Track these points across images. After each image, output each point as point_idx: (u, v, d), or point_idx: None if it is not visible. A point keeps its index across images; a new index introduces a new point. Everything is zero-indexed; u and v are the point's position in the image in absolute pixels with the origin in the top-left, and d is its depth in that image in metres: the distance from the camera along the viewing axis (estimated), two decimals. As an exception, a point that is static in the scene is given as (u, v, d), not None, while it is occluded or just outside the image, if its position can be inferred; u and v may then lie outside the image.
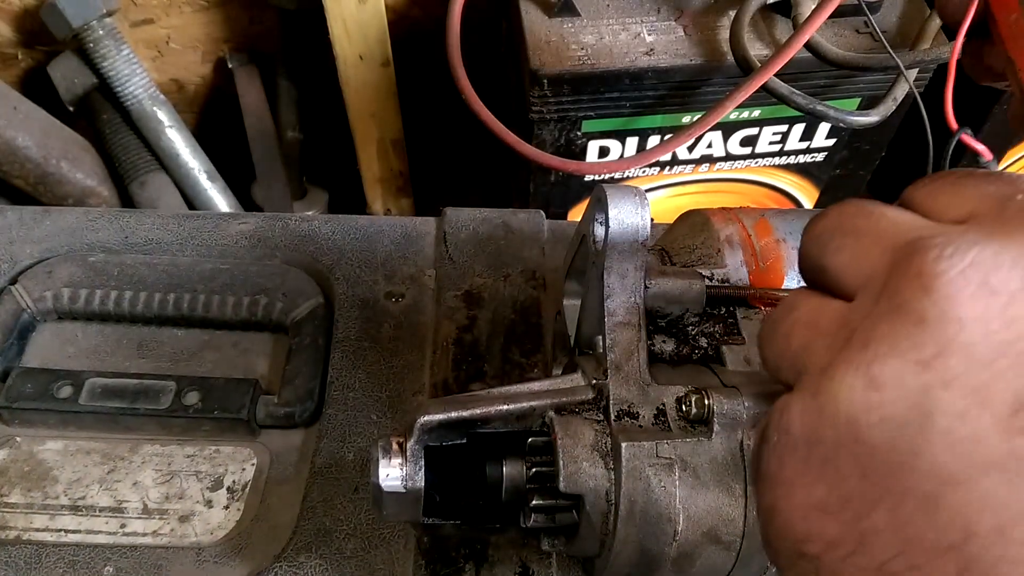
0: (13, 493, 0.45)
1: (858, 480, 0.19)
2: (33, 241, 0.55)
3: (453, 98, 0.80)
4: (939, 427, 0.18)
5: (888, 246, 0.21)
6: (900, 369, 0.19)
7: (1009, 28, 0.30)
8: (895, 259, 0.20)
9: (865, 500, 0.19)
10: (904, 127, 0.87)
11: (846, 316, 0.21)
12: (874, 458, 0.19)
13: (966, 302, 0.18)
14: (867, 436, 0.19)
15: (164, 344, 0.52)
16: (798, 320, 0.23)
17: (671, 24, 0.80)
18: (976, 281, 0.18)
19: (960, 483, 0.18)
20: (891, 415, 0.19)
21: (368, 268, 0.55)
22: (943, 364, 0.18)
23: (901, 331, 0.19)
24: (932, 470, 0.18)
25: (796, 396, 0.21)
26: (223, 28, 1.03)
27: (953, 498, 0.18)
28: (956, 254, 0.19)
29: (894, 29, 0.81)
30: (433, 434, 0.33)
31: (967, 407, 0.18)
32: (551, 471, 0.32)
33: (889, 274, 0.20)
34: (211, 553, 0.43)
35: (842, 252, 0.22)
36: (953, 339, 0.18)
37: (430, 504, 0.34)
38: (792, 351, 0.23)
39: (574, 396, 0.34)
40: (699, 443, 0.31)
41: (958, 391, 0.18)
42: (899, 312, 0.19)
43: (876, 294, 0.20)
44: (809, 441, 0.20)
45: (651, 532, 0.31)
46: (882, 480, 0.19)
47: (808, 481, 0.20)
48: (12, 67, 1.01)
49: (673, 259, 0.40)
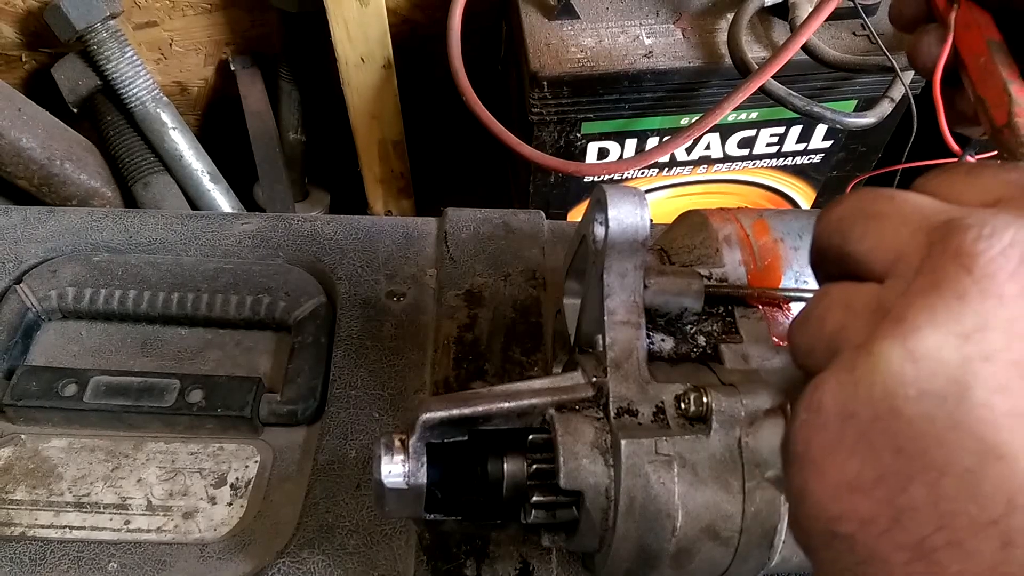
0: (18, 490, 0.46)
1: (893, 455, 0.19)
2: (38, 241, 0.56)
3: (454, 100, 0.81)
4: (979, 400, 0.18)
5: (919, 227, 0.21)
6: (940, 342, 0.19)
7: (978, 70, 0.31)
8: (931, 240, 0.20)
9: (901, 475, 0.19)
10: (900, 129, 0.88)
11: (880, 296, 0.21)
12: (912, 432, 0.19)
13: (1006, 280, 0.18)
14: (905, 409, 0.19)
15: (168, 343, 0.53)
16: (832, 303, 0.23)
17: (670, 27, 0.80)
18: (1016, 259, 0.18)
19: (1002, 456, 0.18)
20: (930, 388, 0.19)
21: (370, 268, 0.55)
22: (984, 337, 0.18)
23: (940, 305, 0.19)
24: (972, 444, 0.18)
25: (830, 373, 0.21)
26: (226, 30, 1.04)
27: (995, 471, 0.18)
28: (995, 234, 0.19)
29: (890, 31, 0.81)
30: (435, 431, 0.34)
31: (1009, 380, 0.18)
32: (551, 468, 0.33)
33: (926, 254, 0.20)
34: (215, 549, 0.43)
35: (868, 237, 0.22)
36: (994, 314, 0.18)
37: (432, 500, 0.34)
38: (827, 333, 0.22)
39: (574, 394, 0.34)
40: (697, 440, 0.31)
41: (1000, 364, 0.18)
42: (938, 288, 0.19)
43: (912, 273, 0.20)
44: (842, 416, 0.20)
45: (650, 528, 0.31)
46: (920, 455, 0.19)
47: (840, 459, 0.20)
48: (16, 69, 1.01)
49: (672, 259, 0.40)
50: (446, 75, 0.80)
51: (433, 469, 0.33)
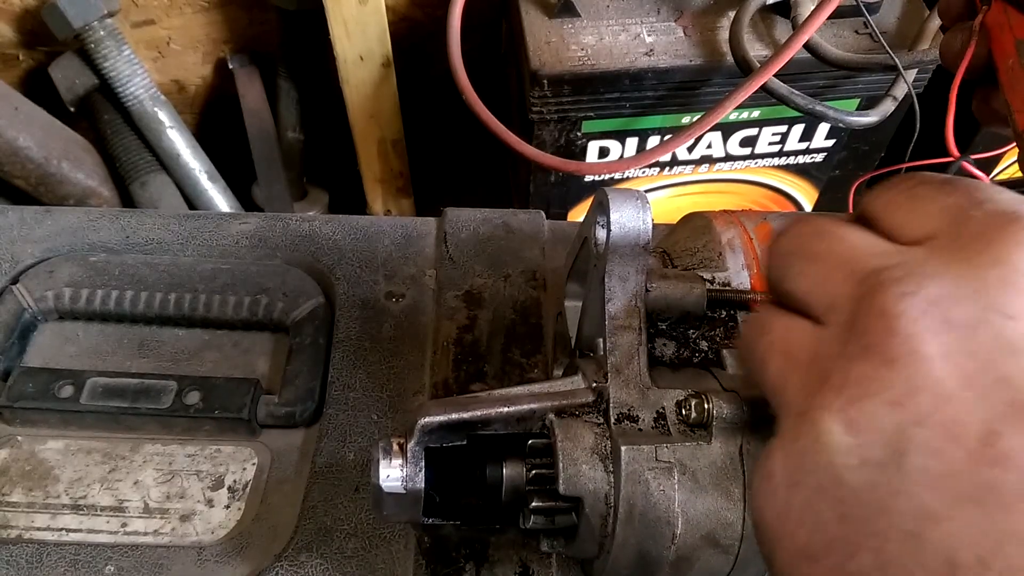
0: (14, 492, 0.45)
1: (838, 523, 0.20)
2: (34, 241, 0.55)
3: (453, 98, 0.80)
4: (915, 464, 0.19)
5: (848, 273, 0.21)
6: (874, 410, 0.19)
7: (1007, 73, 0.31)
8: (858, 293, 0.21)
9: (848, 543, 0.19)
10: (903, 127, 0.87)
11: (816, 348, 0.22)
12: (855, 500, 0.19)
13: (931, 340, 0.19)
14: (847, 479, 0.19)
15: (165, 344, 0.52)
16: (771, 346, 0.23)
17: (671, 25, 0.80)
18: (938, 318, 0.19)
19: (940, 518, 0.18)
20: (869, 456, 0.19)
21: (368, 268, 0.55)
22: (914, 402, 0.19)
23: (872, 373, 0.20)
24: (912, 508, 0.18)
25: (778, 440, 0.22)
26: (224, 29, 1.04)
27: (934, 534, 0.18)
28: (920, 291, 0.19)
29: (893, 30, 0.81)
30: (433, 435, 0.33)
31: (940, 442, 0.18)
32: (551, 473, 0.32)
33: (854, 309, 0.21)
34: (212, 552, 0.43)
35: (803, 277, 0.23)
36: (922, 377, 0.19)
37: (430, 505, 0.34)
38: (770, 381, 0.23)
39: (574, 399, 0.34)
40: (698, 447, 0.31)
41: (930, 427, 0.19)
42: (868, 353, 0.20)
43: (843, 329, 0.21)
44: (789, 485, 0.21)
45: (650, 535, 0.31)
46: (863, 522, 0.19)
47: (791, 527, 0.21)
48: (13, 68, 1.01)
49: (675, 262, 0.40)
50: (446, 73, 0.80)
51: (431, 473, 0.33)
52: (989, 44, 0.32)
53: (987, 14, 0.32)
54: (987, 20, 0.32)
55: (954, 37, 0.34)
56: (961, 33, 0.34)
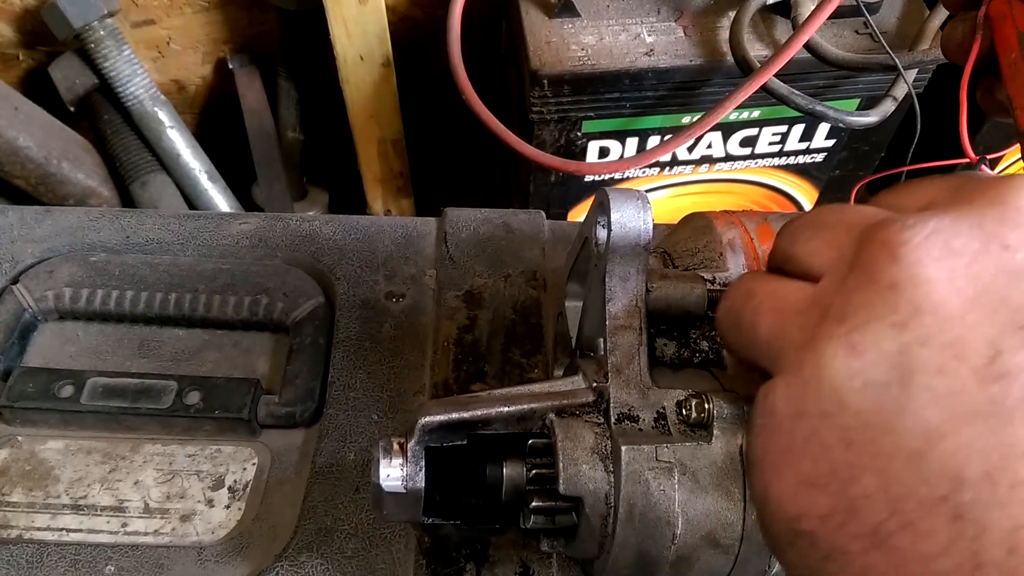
0: (15, 492, 0.45)
1: (844, 448, 0.20)
2: (34, 241, 0.55)
3: (453, 98, 0.80)
4: (920, 384, 0.19)
5: (855, 231, 0.22)
6: (878, 333, 0.19)
7: (1009, 67, 0.31)
8: (861, 237, 0.21)
9: (852, 467, 0.20)
10: (903, 127, 0.87)
11: (815, 295, 0.22)
12: (859, 423, 0.19)
13: (932, 264, 0.19)
14: (851, 402, 0.20)
15: (165, 344, 0.52)
16: (761, 306, 0.24)
17: (671, 25, 0.80)
18: (939, 244, 0.20)
19: (945, 435, 0.18)
20: (873, 378, 0.19)
21: (369, 268, 0.55)
22: (918, 323, 0.19)
23: (876, 298, 0.20)
24: (916, 426, 0.19)
25: (778, 378, 0.22)
26: (224, 29, 1.03)
27: (939, 450, 0.18)
28: (917, 224, 0.20)
29: (893, 30, 0.81)
30: (434, 435, 0.33)
31: (944, 361, 0.19)
32: (551, 473, 0.32)
33: (856, 251, 0.21)
34: (212, 552, 0.43)
35: (811, 241, 0.23)
36: (925, 299, 0.19)
37: (430, 504, 0.34)
38: (762, 336, 0.23)
39: (575, 399, 0.34)
40: (699, 447, 0.31)
41: (935, 347, 0.19)
42: (871, 281, 0.20)
43: (845, 270, 0.21)
44: (793, 417, 0.21)
45: (650, 535, 0.31)
46: (868, 444, 0.19)
47: (794, 459, 0.21)
48: (13, 68, 1.01)
49: (675, 262, 0.40)
50: (446, 73, 0.80)
51: (432, 473, 0.33)
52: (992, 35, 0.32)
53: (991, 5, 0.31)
54: (991, 11, 0.31)
55: (955, 27, 0.34)
56: (963, 24, 0.34)
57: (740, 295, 0.25)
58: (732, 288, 0.26)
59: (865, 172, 0.95)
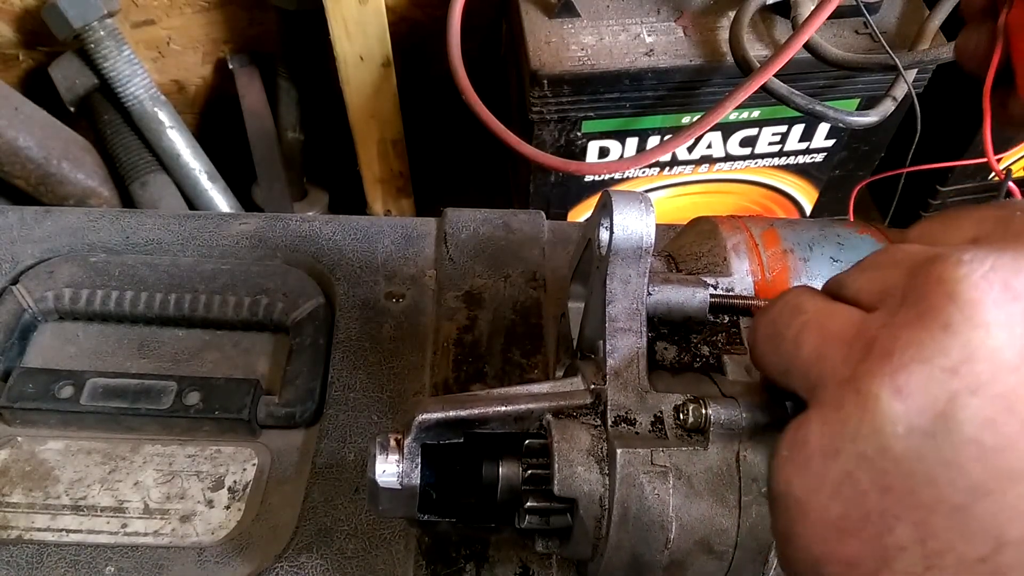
0: (15, 493, 0.45)
1: (880, 494, 0.19)
2: (34, 241, 0.55)
3: (453, 98, 0.80)
4: (967, 435, 0.18)
5: (905, 266, 0.21)
6: (926, 376, 0.18)
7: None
8: (913, 270, 0.20)
9: (888, 515, 0.19)
10: (903, 128, 0.87)
11: (863, 324, 0.21)
12: (899, 470, 0.18)
13: (991, 307, 0.18)
14: (892, 447, 0.19)
15: (165, 344, 0.52)
16: (808, 325, 0.22)
17: (671, 25, 0.80)
18: (999, 285, 0.18)
19: (990, 492, 0.18)
20: (918, 425, 0.18)
21: (369, 269, 0.55)
22: (970, 370, 0.18)
23: (926, 337, 0.19)
24: (960, 480, 0.18)
25: (815, 410, 0.21)
26: (224, 29, 1.03)
27: (983, 508, 0.18)
28: (975, 260, 0.19)
29: (893, 30, 0.81)
30: (431, 432, 0.33)
31: (995, 414, 0.18)
32: (547, 474, 0.32)
33: (909, 283, 0.20)
34: (212, 553, 0.43)
35: (865, 272, 0.22)
36: (980, 345, 0.18)
37: (427, 501, 0.34)
38: (803, 359, 0.22)
39: (572, 400, 0.34)
40: (695, 452, 0.31)
41: (986, 398, 0.18)
42: (923, 319, 0.19)
43: (896, 304, 0.20)
44: (826, 454, 0.20)
45: (643, 539, 0.31)
46: (908, 493, 0.18)
47: (824, 499, 0.20)
48: (13, 68, 1.01)
49: (680, 266, 0.40)
50: (446, 73, 0.80)
51: (428, 470, 0.33)
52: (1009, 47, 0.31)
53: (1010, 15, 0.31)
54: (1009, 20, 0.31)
55: (970, 36, 0.33)
56: (977, 33, 0.33)
57: (788, 309, 0.23)
58: (779, 300, 0.24)
59: (865, 172, 0.95)
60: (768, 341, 0.24)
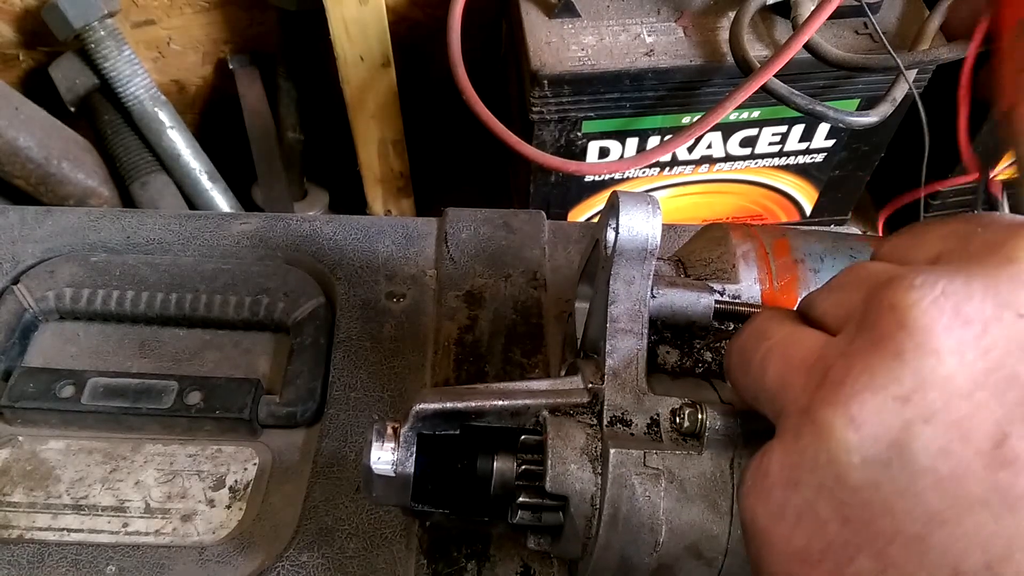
0: (15, 492, 0.46)
1: (839, 525, 0.19)
2: (35, 241, 0.55)
3: (454, 98, 0.80)
4: (922, 465, 0.18)
5: (865, 288, 0.21)
6: (879, 406, 0.19)
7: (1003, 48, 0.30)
8: (868, 295, 0.20)
9: (848, 546, 0.19)
10: (903, 128, 0.87)
11: (822, 350, 0.21)
12: (857, 500, 0.19)
13: (941, 333, 0.18)
14: (848, 478, 0.19)
15: (166, 344, 0.53)
16: (772, 350, 0.23)
17: (671, 25, 0.80)
18: (949, 311, 0.18)
19: (946, 521, 0.18)
20: (873, 455, 0.18)
21: (369, 268, 0.55)
22: (923, 398, 0.18)
23: (878, 366, 0.19)
24: (916, 509, 0.18)
25: (777, 439, 0.21)
26: (224, 29, 1.03)
27: (939, 537, 0.18)
28: (926, 285, 0.19)
29: (893, 30, 0.81)
30: (428, 422, 0.33)
31: (949, 442, 0.18)
32: (540, 470, 0.32)
33: (864, 309, 0.20)
34: (213, 552, 0.43)
35: (832, 293, 0.23)
36: (932, 372, 0.18)
37: (421, 490, 0.34)
38: (768, 386, 0.22)
39: (569, 398, 0.34)
40: (688, 457, 0.31)
41: (940, 426, 0.18)
42: (876, 346, 0.19)
43: (853, 330, 0.20)
44: (786, 485, 0.20)
45: (632, 540, 0.31)
46: (865, 524, 0.18)
47: (786, 529, 0.20)
48: (13, 68, 1.01)
49: (688, 270, 0.40)
50: (446, 74, 0.80)
51: (423, 460, 0.33)
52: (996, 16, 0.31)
53: None
54: None
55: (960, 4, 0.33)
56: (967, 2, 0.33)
57: (755, 334, 0.24)
58: (748, 325, 0.25)
59: (865, 172, 0.95)
60: (738, 367, 0.24)
